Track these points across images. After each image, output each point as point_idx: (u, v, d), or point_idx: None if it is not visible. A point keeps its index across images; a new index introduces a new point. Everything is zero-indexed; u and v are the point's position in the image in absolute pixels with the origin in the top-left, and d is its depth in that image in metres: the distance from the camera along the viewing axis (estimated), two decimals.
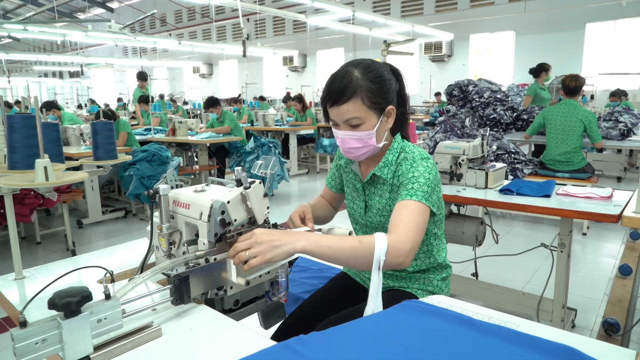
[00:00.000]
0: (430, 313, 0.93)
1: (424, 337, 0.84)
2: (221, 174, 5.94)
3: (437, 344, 0.81)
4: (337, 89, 1.19)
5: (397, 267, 1.07)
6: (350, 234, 1.27)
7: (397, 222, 1.12)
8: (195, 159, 6.13)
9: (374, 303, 1.07)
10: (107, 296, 0.83)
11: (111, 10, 21.82)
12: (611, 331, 2.11)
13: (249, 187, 1.08)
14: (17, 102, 11.11)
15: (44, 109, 5.58)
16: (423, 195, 1.16)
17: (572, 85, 3.89)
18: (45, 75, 27.04)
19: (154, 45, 14.68)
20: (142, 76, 7.89)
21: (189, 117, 9.80)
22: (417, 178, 1.19)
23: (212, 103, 5.97)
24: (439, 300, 1.03)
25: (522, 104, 5.36)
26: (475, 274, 2.70)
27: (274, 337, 1.34)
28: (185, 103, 16.00)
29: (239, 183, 1.09)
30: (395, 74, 1.31)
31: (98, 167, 1.66)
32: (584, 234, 4.03)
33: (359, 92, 1.18)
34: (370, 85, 1.19)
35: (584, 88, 4.21)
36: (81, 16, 22.72)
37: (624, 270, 2.66)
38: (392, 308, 0.97)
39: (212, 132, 5.74)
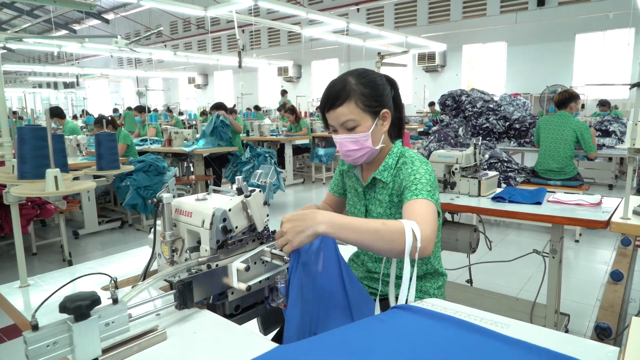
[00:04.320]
0: (422, 315, 0.97)
1: (416, 340, 0.87)
2: (218, 183, 5.96)
3: (430, 345, 0.85)
4: (333, 94, 1.27)
5: (421, 253, 1.05)
6: None
7: (411, 214, 1.14)
8: (192, 169, 6.16)
9: (409, 291, 1.05)
10: (115, 300, 0.86)
11: (106, 21, 21.90)
12: (603, 335, 2.15)
13: (250, 196, 1.12)
14: (13, 113, 11.08)
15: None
16: (427, 193, 1.20)
17: (556, 99, 4.08)
18: (40, 86, 27.01)
19: (149, 56, 14.75)
20: (285, 92, 11.97)
21: (185, 128, 9.83)
22: (419, 179, 1.24)
23: (217, 107, 6.00)
24: (433, 304, 1.06)
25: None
26: (470, 281, 2.74)
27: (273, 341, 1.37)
28: (180, 113, 16.02)
29: (239, 191, 1.13)
30: (390, 81, 1.38)
31: (95, 176, 1.69)
32: (577, 241, 4.09)
33: (353, 95, 1.25)
34: (363, 89, 1.26)
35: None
36: (76, 27, 22.79)
37: (615, 276, 2.71)
38: (383, 314, 1.00)
39: (227, 117, 5.79)
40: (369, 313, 1.18)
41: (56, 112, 5.78)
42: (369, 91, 1.27)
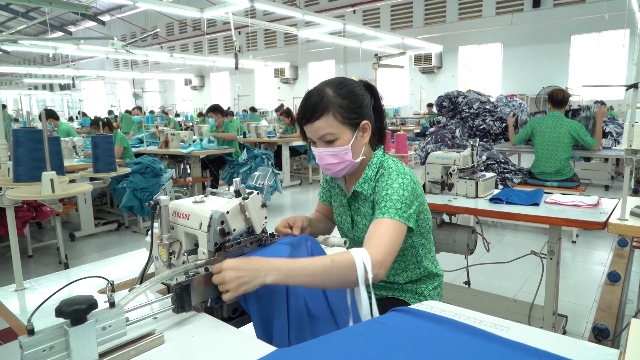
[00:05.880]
0: (422, 318, 0.96)
1: (416, 342, 0.87)
2: (215, 184, 5.94)
3: (430, 348, 0.84)
4: (310, 107, 1.22)
5: (373, 279, 1.06)
6: (345, 243, 1.30)
7: (370, 237, 1.14)
8: (188, 171, 6.14)
9: (371, 310, 1.07)
10: (112, 304, 0.86)
11: (102, 23, 21.85)
12: (601, 337, 2.15)
13: (247, 198, 1.11)
14: None
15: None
16: (396, 212, 1.17)
17: (555, 97, 4.00)
18: (35, 87, 26.93)
19: (145, 58, 14.73)
20: None
21: (181, 129, 9.81)
22: (390, 196, 1.20)
23: (214, 109, 6.00)
24: (432, 306, 1.06)
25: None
26: (468, 282, 2.74)
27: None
28: (177, 115, 15.98)
29: (237, 194, 1.13)
30: (370, 89, 1.32)
31: (91, 179, 1.68)
32: (574, 242, 4.09)
33: (331, 108, 1.21)
34: (341, 101, 1.22)
35: (571, 99, 4.30)
36: (72, 29, 22.73)
37: (612, 277, 2.72)
38: (383, 316, 1.00)
39: (216, 136, 5.82)
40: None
41: (49, 114, 5.76)
42: (348, 103, 1.22)
